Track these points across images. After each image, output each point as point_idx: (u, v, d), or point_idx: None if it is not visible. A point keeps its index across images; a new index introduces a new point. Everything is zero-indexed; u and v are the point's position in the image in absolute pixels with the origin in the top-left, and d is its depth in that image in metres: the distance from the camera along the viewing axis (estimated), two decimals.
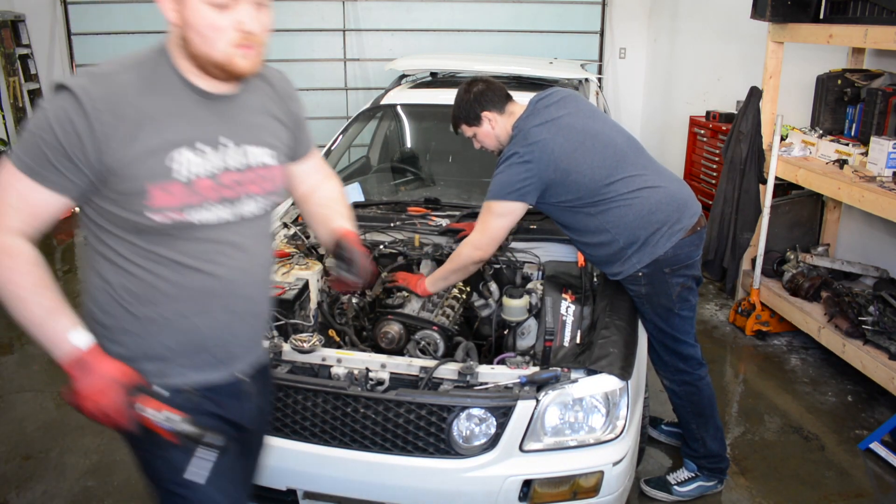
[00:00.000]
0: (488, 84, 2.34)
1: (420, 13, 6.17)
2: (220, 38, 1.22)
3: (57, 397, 3.21)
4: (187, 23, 1.21)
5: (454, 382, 1.88)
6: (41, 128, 1.21)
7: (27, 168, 1.21)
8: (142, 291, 1.31)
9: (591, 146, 2.17)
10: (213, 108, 1.31)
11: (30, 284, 1.22)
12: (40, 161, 1.21)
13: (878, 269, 3.57)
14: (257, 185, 1.37)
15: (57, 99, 1.21)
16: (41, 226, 1.26)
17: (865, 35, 2.93)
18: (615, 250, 2.19)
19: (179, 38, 1.25)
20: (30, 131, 1.22)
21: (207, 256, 1.33)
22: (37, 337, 1.25)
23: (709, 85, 5.33)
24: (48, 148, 1.20)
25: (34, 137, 1.21)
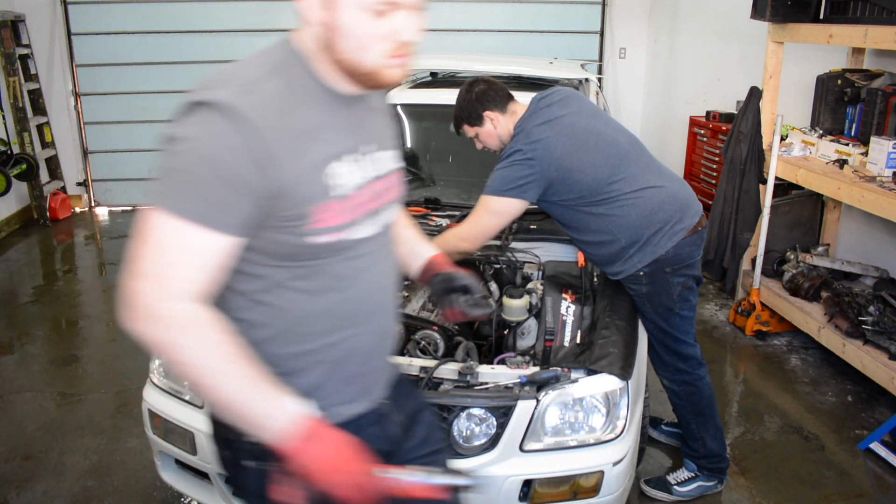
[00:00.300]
0: (490, 84, 2.34)
1: None
2: (374, 48, 1.08)
3: (57, 397, 3.21)
4: (337, 27, 1.08)
5: (454, 382, 1.88)
6: (192, 160, 1.01)
7: (186, 213, 1.01)
8: (289, 326, 1.17)
9: (594, 145, 2.17)
10: (351, 112, 1.18)
11: (223, 356, 1.03)
12: (201, 200, 1.01)
13: (878, 269, 3.57)
14: (392, 191, 1.27)
15: (203, 121, 1.02)
16: (216, 279, 1.06)
17: (865, 35, 2.93)
18: (616, 250, 2.19)
19: (323, 41, 1.11)
20: (175, 169, 1.02)
21: (358, 275, 1.20)
22: (240, 417, 1.06)
23: (709, 85, 5.33)
24: (208, 182, 1.01)
25: (185, 174, 1.01)
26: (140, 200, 6.37)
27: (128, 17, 5.93)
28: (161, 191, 1.03)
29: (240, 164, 1.02)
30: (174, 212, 1.01)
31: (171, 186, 1.03)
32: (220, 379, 1.03)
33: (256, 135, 1.02)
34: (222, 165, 1.01)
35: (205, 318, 1.03)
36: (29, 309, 4.26)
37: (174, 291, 1.01)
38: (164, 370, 2.11)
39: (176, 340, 1.02)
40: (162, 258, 1.01)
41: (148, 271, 1.02)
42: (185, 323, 1.01)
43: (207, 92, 1.04)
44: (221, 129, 1.01)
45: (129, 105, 6.12)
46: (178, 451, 2.06)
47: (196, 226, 1.01)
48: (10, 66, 5.43)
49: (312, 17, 1.10)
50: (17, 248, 5.33)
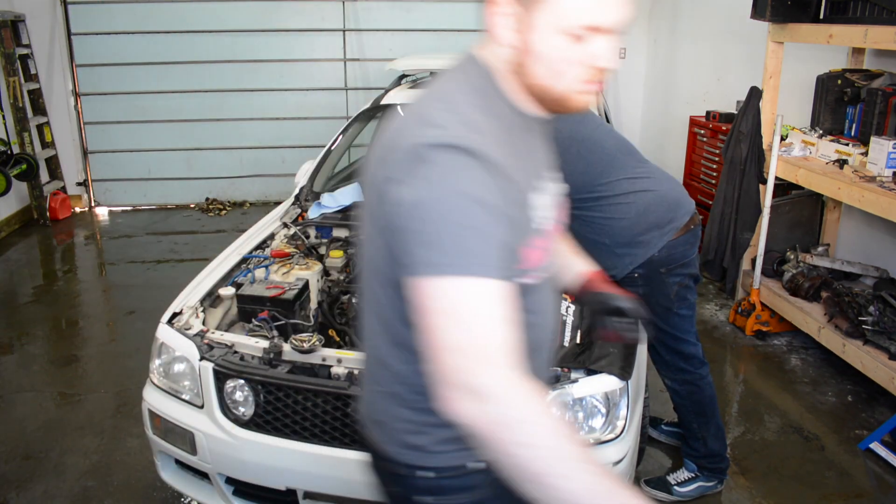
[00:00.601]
0: None
1: (420, 13, 6.16)
2: (568, 73, 1.01)
3: (57, 397, 3.22)
4: (531, 50, 1.00)
5: None
6: (454, 210, 0.91)
7: (484, 269, 0.91)
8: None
9: (577, 152, 2.19)
10: (536, 135, 1.13)
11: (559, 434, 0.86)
12: (492, 250, 0.92)
13: (878, 269, 3.57)
14: (562, 213, 1.20)
15: (458, 168, 0.93)
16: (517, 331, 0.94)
17: (865, 35, 2.93)
18: (605, 252, 2.20)
19: (513, 64, 1.04)
20: (446, 226, 0.91)
21: (543, 306, 1.13)
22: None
23: (709, 85, 5.33)
24: (485, 231, 0.92)
25: (459, 229, 0.91)
26: (140, 200, 6.38)
27: (128, 17, 5.93)
28: (431, 256, 0.91)
29: (493, 209, 0.94)
30: (456, 273, 0.90)
31: (441, 249, 0.91)
32: (565, 463, 0.84)
33: (494, 178, 0.95)
34: (487, 209, 0.93)
35: (529, 385, 0.89)
36: (29, 309, 4.26)
37: (491, 357, 0.89)
38: (163, 370, 2.11)
39: (508, 414, 0.86)
40: (463, 325, 0.90)
41: (455, 344, 0.90)
42: (514, 394, 0.87)
43: (435, 132, 0.95)
44: (474, 175, 0.93)
45: (129, 105, 6.12)
46: (178, 451, 2.06)
47: (482, 279, 0.91)
48: (10, 66, 5.43)
49: (504, 39, 1.03)
50: (17, 248, 5.33)
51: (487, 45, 1.07)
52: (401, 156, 0.97)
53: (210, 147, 6.32)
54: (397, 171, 0.96)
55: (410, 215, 0.93)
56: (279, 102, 6.23)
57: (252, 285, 2.35)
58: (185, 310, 2.19)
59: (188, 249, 5.30)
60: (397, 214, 0.95)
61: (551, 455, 0.85)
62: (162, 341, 2.11)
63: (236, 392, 1.96)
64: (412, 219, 0.93)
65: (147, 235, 5.63)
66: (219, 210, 6.26)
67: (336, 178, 3.37)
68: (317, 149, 3.67)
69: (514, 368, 0.89)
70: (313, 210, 2.88)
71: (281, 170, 6.26)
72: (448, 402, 0.91)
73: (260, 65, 6.12)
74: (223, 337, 2.07)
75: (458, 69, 1.09)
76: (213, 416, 1.97)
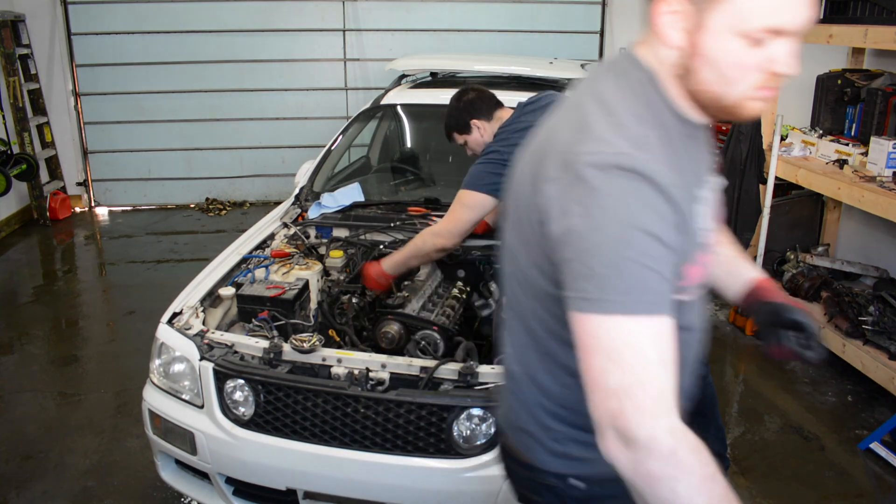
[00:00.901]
0: (478, 93, 2.44)
1: (420, 13, 6.16)
2: (743, 80, 0.92)
3: (57, 397, 3.21)
4: (702, 54, 0.92)
5: (454, 382, 1.88)
6: (631, 246, 0.86)
7: (649, 306, 0.86)
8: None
9: None
10: (697, 141, 1.05)
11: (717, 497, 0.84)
12: (657, 285, 0.87)
13: (878, 269, 3.57)
14: (718, 212, 1.13)
15: (626, 195, 0.86)
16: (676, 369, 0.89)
17: (865, 35, 2.93)
18: None
19: (680, 67, 0.96)
20: (613, 262, 0.86)
21: (694, 321, 1.08)
22: None
23: None
24: (657, 261, 0.87)
25: (627, 264, 0.85)
26: (140, 200, 6.38)
27: (128, 17, 5.93)
28: (595, 292, 0.87)
29: (668, 232, 0.88)
30: (620, 312, 0.86)
31: (611, 284, 0.86)
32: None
33: (669, 203, 0.88)
34: (658, 240, 0.86)
35: (695, 441, 0.85)
36: (29, 309, 4.26)
37: (658, 403, 0.85)
38: (163, 370, 2.11)
39: (672, 472, 0.83)
40: (624, 368, 0.85)
41: (613, 387, 0.86)
42: (682, 450, 0.84)
43: (596, 148, 0.88)
44: (644, 197, 0.86)
45: (129, 105, 6.12)
46: (178, 451, 2.06)
47: (647, 317, 0.86)
48: (10, 66, 5.43)
49: (670, 40, 0.95)
50: (17, 248, 5.33)
51: (649, 44, 0.99)
52: (557, 167, 0.91)
53: (210, 147, 6.32)
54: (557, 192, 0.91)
55: (577, 247, 0.89)
56: (279, 102, 6.23)
57: (252, 285, 2.35)
58: (185, 310, 2.19)
59: (188, 249, 5.30)
60: (562, 243, 0.90)
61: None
62: (162, 341, 2.11)
63: (236, 392, 1.96)
64: (578, 251, 0.88)
65: (147, 235, 5.63)
66: (219, 210, 6.26)
67: (336, 178, 3.37)
68: (317, 149, 3.67)
69: (670, 416, 0.85)
70: (313, 210, 2.88)
71: (281, 170, 6.26)
72: (604, 442, 0.89)
73: (260, 65, 6.12)
74: (223, 337, 2.07)
75: (617, 70, 1.00)
76: (213, 416, 1.97)
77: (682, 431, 0.85)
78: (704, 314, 1.14)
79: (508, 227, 1.07)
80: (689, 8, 0.92)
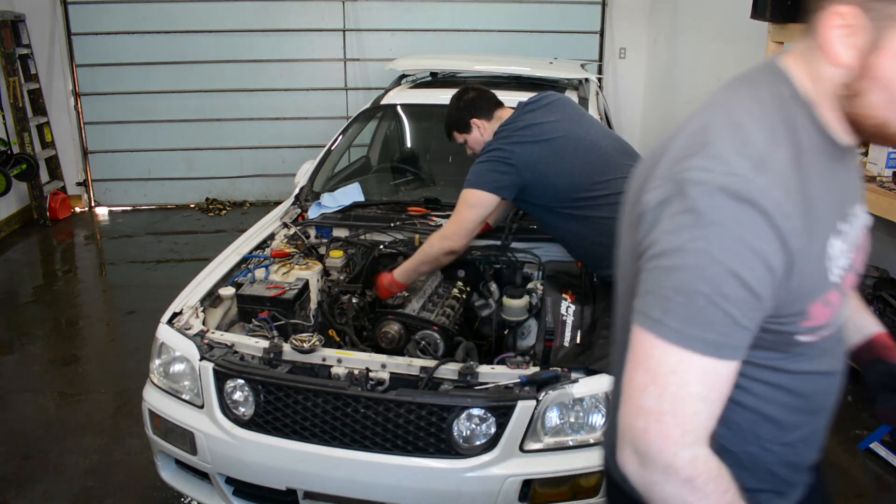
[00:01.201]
0: (479, 92, 2.44)
1: (420, 13, 6.16)
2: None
3: (57, 397, 3.21)
4: (875, 77, 0.83)
5: (454, 382, 1.88)
6: (715, 279, 0.80)
7: (705, 345, 0.82)
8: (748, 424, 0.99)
9: (573, 151, 2.21)
10: (844, 165, 0.95)
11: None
12: (724, 328, 0.82)
13: (878, 269, 3.57)
14: (861, 255, 1.04)
15: (728, 227, 0.80)
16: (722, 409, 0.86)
17: None
18: (602, 252, 2.20)
19: (841, 86, 0.87)
20: (689, 292, 0.81)
21: (826, 365, 1.01)
22: None
23: (709, 85, 5.33)
24: (734, 305, 0.81)
25: (700, 299, 0.81)
26: (140, 200, 6.38)
27: (128, 17, 5.93)
28: (660, 315, 0.84)
29: (760, 279, 0.81)
30: (684, 345, 0.82)
31: (676, 313, 0.83)
32: None
33: (779, 239, 0.81)
34: (745, 283, 0.81)
35: (716, 469, 0.85)
36: (29, 309, 4.26)
37: (686, 434, 0.83)
38: (163, 370, 2.11)
39: (687, 498, 0.84)
40: (664, 395, 0.83)
41: (656, 408, 0.84)
42: (700, 479, 0.83)
43: (708, 166, 0.82)
44: (749, 233, 0.80)
45: (128, 105, 6.12)
46: (178, 451, 2.06)
47: (703, 357, 0.82)
48: (10, 66, 5.43)
49: (839, 58, 0.85)
50: (17, 248, 5.33)
51: (804, 58, 0.90)
52: (664, 176, 0.87)
53: (210, 147, 6.32)
54: (655, 202, 0.86)
55: (656, 262, 0.85)
56: (279, 102, 6.23)
57: (252, 285, 2.35)
58: (185, 310, 2.19)
59: (188, 249, 5.30)
60: (645, 253, 0.87)
61: None
62: (162, 341, 2.11)
63: (236, 392, 1.96)
64: (656, 266, 0.85)
65: (147, 235, 5.63)
66: (219, 210, 6.26)
67: (336, 178, 3.37)
68: (317, 149, 3.67)
69: (694, 448, 0.83)
70: (313, 210, 2.88)
71: (281, 170, 6.26)
72: (621, 452, 0.89)
73: (260, 65, 6.12)
74: (223, 337, 2.07)
75: (757, 81, 0.92)
76: (213, 416, 1.97)
77: (705, 460, 0.84)
78: (843, 357, 1.07)
79: (621, 240, 1.03)
80: (866, 24, 0.82)
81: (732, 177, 0.81)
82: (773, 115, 0.87)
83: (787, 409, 0.99)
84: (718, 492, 0.84)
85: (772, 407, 0.98)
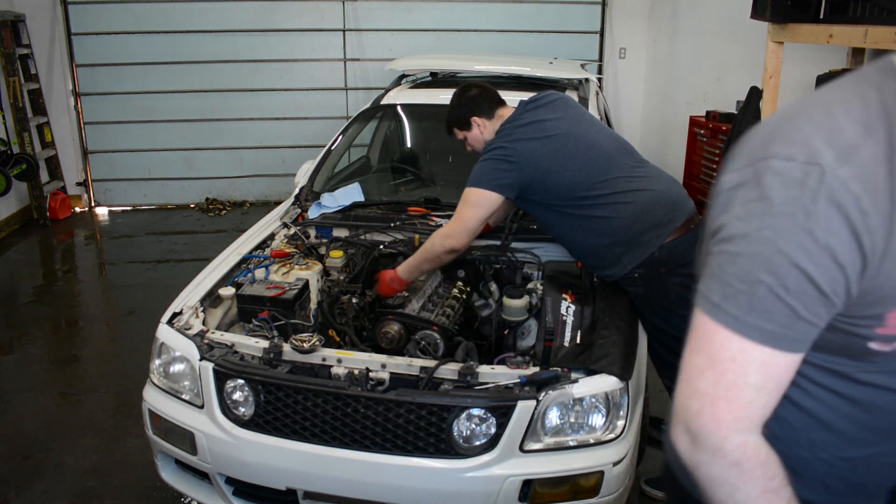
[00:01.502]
0: (481, 89, 2.43)
1: (420, 13, 6.17)
2: None
3: (57, 397, 3.21)
4: None
5: (454, 382, 1.88)
6: (779, 271, 0.79)
7: (764, 335, 0.82)
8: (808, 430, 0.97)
9: (574, 149, 2.20)
10: None
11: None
12: (785, 320, 0.81)
13: None
14: None
15: (798, 217, 0.78)
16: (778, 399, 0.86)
17: (865, 35, 2.93)
18: (603, 252, 2.20)
19: None
20: (751, 280, 0.81)
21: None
22: None
23: (709, 85, 5.33)
24: (796, 298, 0.80)
25: (765, 288, 0.81)
26: (140, 200, 6.38)
27: (128, 17, 5.93)
28: (720, 300, 0.85)
29: (828, 273, 0.79)
30: (743, 333, 0.82)
31: (735, 299, 0.83)
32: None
33: (854, 234, 0.78)
34: (809, 276, 0.79)
35: (765, 457, 0.85)
36: (29, 309, 4.26)
37: (739, 421, 0.84)
38: (163, 370, 2.11)
39: (733, 481, 0.85)
40: (720, 379, 0.84)
41: (712, 392, 0.85)
42: (748, 463, 0.84)
43: (788, 151, 0.80)
44: (820, 224, 0.78)
45: (129, 105, 6.12)
46: (178, 451, 2.06)
47: (762, 347, 0.82)
48: (10, 66, 5.43)
49: None
50: (17, 248, 5.33)
51: None
52: (744, 160, 0.86)
53: (210, 147, 6.32)
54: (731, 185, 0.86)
55: (722, 247, 0.85)
56: (279, 102, 6.24)
57: (252, 285, 2.35)
58: (185, 310, 2.19)
59: (188, 249, 5.30)
60: (712, 237, 0.87)
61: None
62: (162, 341, 2.11)
63: (236, 392, 1.96)
64: (721, 251, 0.85)
65: (147, 235, 5.63)
66: (219, 210, 6.26)
67: (336, 178, 3.37)
68: (317, 149, 3.67)
69: (746, 434, 0.84)
70: (313, 210, 2.88)
71: (281, 170, 6.26)
72: (674, 429, 0.90)
73: (260, 65, 6.12)
74: (223, 337, 2.07)
75: (866, 77, 0.86)
76: (213, 416, 1.97)
77: (755, 446, 0.85)
78: None
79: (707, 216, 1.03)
80: None
81: (813, 167, 0.79)
82: (872, 110, 0.82)
83: (849, 420, 0.96)
84: (765, 478, 0.85)
85: (831, 415, 0.96)
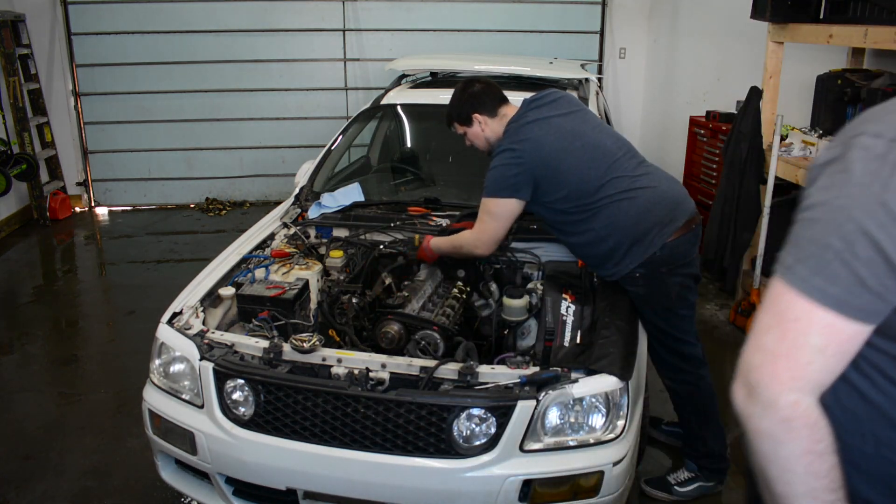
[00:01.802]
0: (485, 86, 2.40)
1: (420, 13, 6.17)
2: None
3: (57, 397, 3.21)
4: None
5: (454, 382, 1.88)
6: (848, 237, 0.82)
7: (827, 298, 0.84)
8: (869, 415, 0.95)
9: (580, 147, 2.20)
10: None
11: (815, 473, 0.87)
12: (850, 286, 0.83)
13: None
14: None
15: (879, 189, 0.81)
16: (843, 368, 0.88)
17: (865, 35, 2.93)
18: (606, 251, 2.20)
19: None
20: (822, 244, 0.85)
21: None
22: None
23: (709, 85, 5.33)
24: (864, 265, 0.82)
25: (833, 252, 0.83)
26: (140, 200, 6.38)
27: (128, 17, 5.93)
28: (793, 264, 0.88)
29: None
30: (811, 295, 0.85)
31: (805, 262, 0.86)
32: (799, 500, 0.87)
33: None
34: (879, 245, 0.80)
35: (815, 419, 0.87)
36: (29, 309, 4.26)
37: (796, 380, 0.86)
38: (163, 370, 2.11)
39: (779, 436, 0.87)
40: (784, 336, 0.87)
41: (774, 349, 0.88)
42: (797, 422, 0.86)
43: (875, 128, 0.84)
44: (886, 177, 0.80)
45: (129, 105, 6.12)
46: (178, 451, 2.06)
47: (825, 310, 0.84)
48: (10, 66, 5.43)
49: None
50: (17, 248, 5.33)
51: None
52: (839, 138, 0.89)
53: (210, 147, 6.32)
54: (823, 160, 0.89)
55: (802, 214, 0.90)
56: (279, 102, 6.24)
57: (252, 285, 2.35)
58: (185, 310, 2.19)
59: (188, 249, 5.30)
60: (800, 208, 0.91)
61: (791, 487, 0.88)
62: (162, 341, 2.11)
63: (236, 392, 1.96)
64: (801, 217, 0.90)
65: (147, 235, 5.63)
66: (219, 210, 6.26)
67: (336, 178, 3.37)
68: (317, 149, 3.67)
69: (801, 394, 0.86)
70: (313, 210, 2.88)
71: (281, 170, 6.26)
72: (736, 383, 0.94)
73: (260, 65, 6.12)
74: (223, 337, 2.07)
75: None
76: (213, 416, 1.97)
77: (806, 407, 0.86)
78: None
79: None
80: None
81: (889, 140, 0.82)
82: None
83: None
84: (812, 440, 0.86)
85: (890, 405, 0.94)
